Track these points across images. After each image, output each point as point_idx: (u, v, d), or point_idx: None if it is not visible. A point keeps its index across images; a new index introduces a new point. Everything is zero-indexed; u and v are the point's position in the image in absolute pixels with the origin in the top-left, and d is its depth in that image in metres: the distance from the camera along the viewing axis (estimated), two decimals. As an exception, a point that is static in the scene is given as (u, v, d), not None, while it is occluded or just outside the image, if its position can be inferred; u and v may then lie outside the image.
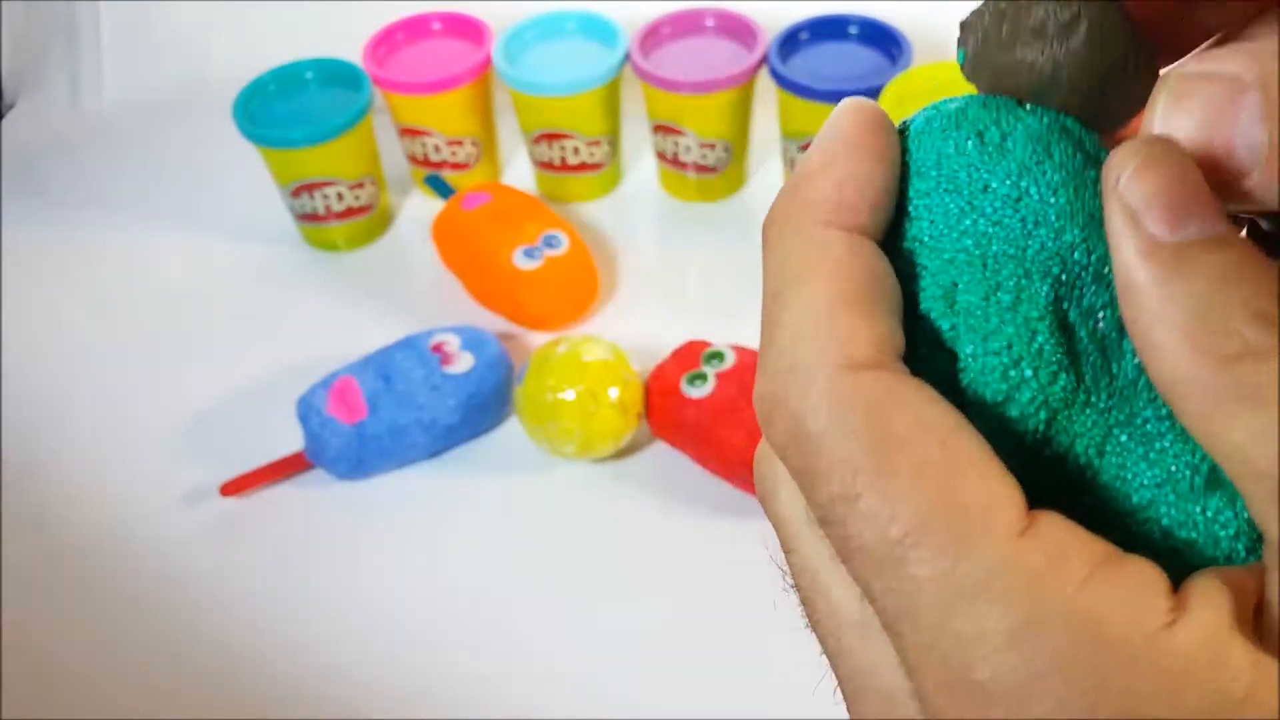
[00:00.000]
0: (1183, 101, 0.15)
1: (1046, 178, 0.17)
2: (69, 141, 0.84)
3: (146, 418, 0.62)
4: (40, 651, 0.52)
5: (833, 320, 0.16)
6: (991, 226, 0.17)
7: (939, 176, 0.18)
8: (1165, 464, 0.17)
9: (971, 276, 0.17)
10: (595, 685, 0.48)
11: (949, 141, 0.18)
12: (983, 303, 0.17)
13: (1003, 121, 0.18)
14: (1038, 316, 0.17)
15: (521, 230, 0.63)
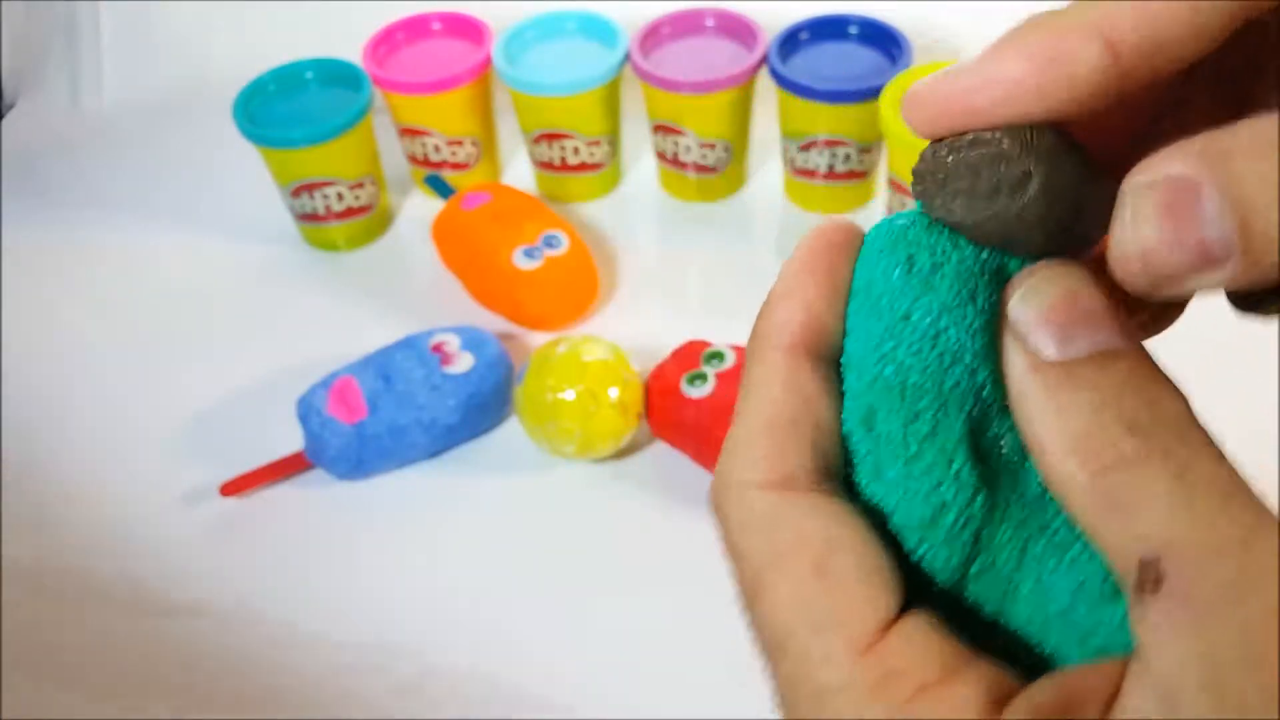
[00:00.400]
0: (1142, 215, 0.16)
1: (967, 320, 0.18)
2: (69, 141, 0.84)
3: (146, 418, 0.62)
4: (40, 651, 0.52)
5: (756, 442, 0.18)
6: (910, 357, 0.18)
7: (868, 299, 0.19)
8: (1076, 572, 0.18)
9: (889, 405, 0.18)
10: (595, 685, 0.48)
11: (880, 265, 0.19)
12: (901, 429, 0.18)
13: (938, 251, 0.19)
14: (954, 445, 0.18)
15: (521, 230, 0.63)
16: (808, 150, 0.68)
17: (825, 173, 0.68)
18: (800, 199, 0.72)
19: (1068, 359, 0.16)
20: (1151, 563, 0.15)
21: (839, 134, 0.66)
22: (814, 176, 0.69)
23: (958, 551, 0.18)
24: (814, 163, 0.68)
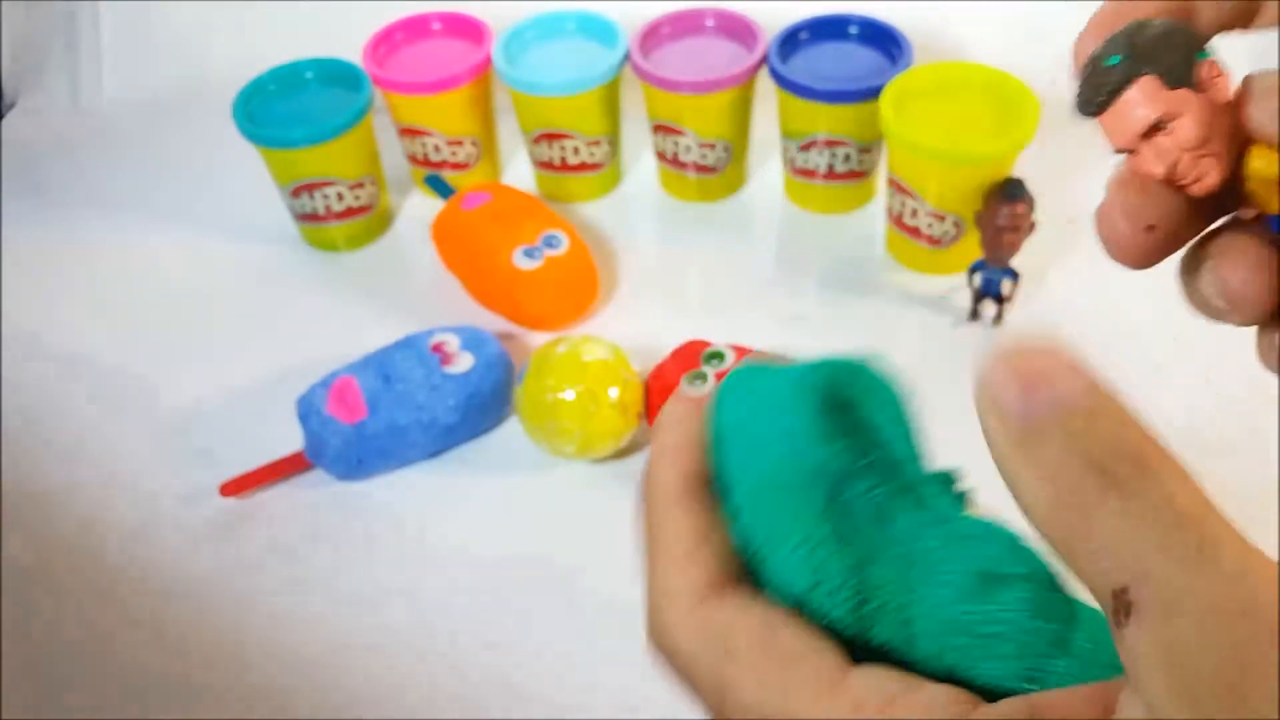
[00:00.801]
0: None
1: (802, 418, 0.22)
2: (69, 141, 0.84)
3: (146, 418, 0.62)
4: (40, 651, 0.52)
5: (675, 573, 0.23)
6: (765, 462, 0.22)
7: (723, 437, 0.24)
8: (951, 577, 0.20)
9: (757, 505, 0.22)
10: (595, 685, 0.48)
11: (726, 408, 0.25)
12: (770, 521, 0.21)
13: (762, 384, 0.24)
14: (814, 518, 0.21)
15: (521, 230, 0.63)
16: (808, 150, 0.68)
17: (825, 173, 0.68)
18: (800, 199, 0.72)
19: (1031, 417, 0.17)
20: (1121, 592, 0.16)
21: (839, 134, 0.66)
22: (814, 176, 0.69)
23: (847, 602, 0.20)
24: (814, 163, 0.68)
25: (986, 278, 0.60)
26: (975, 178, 0.59)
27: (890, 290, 0.65)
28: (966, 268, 0.61)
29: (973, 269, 0.60)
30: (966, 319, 0.62)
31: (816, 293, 0.67)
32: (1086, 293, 0.62)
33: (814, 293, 0.67)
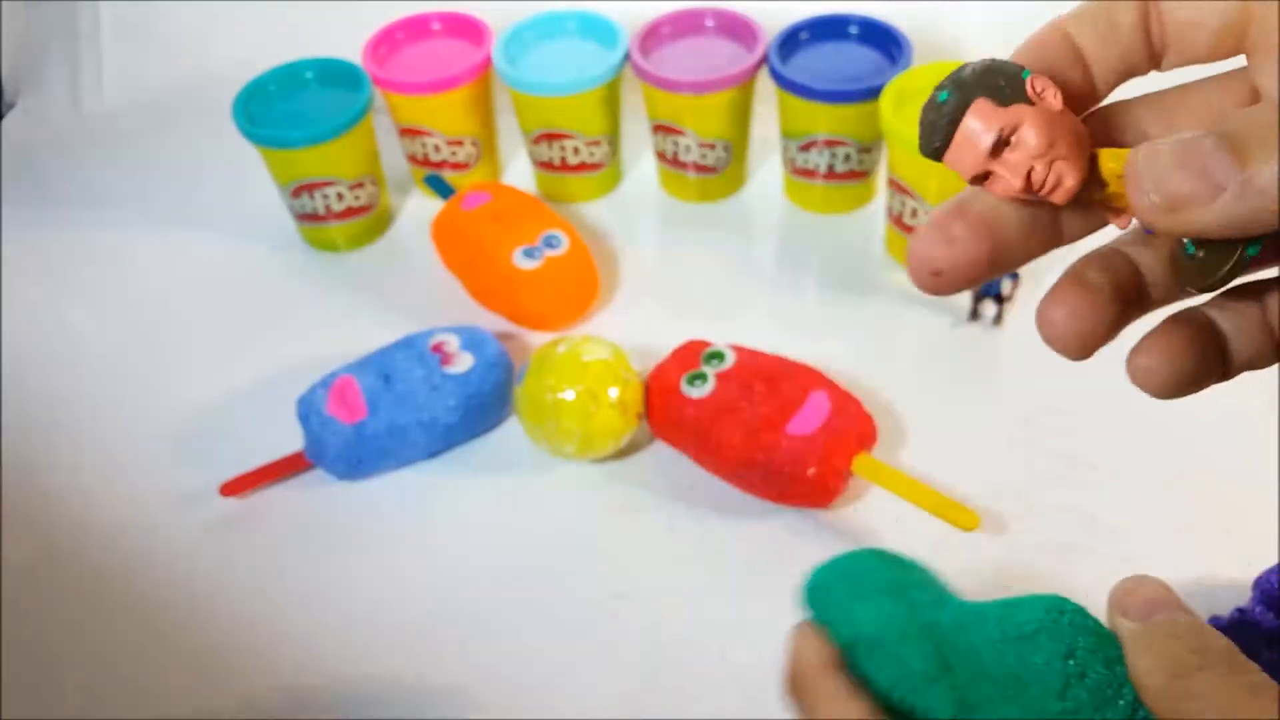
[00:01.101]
0: (1162, 160, 0.21)
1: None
2: (69, 141, 0.84)
3: (146, 418, 0.62)
4: (40, 651, 0.52)
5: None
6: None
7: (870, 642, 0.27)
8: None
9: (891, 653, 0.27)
10: (595, 685, 0.48)
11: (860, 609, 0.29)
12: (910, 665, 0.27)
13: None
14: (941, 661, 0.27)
15: (521, 230, 0.63)
16: (808, 150, 0.68)
17: (825, 173, 0.68)
18: (800, 199, 0.72)
19: (1152, 623, 0.26)
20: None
21: (839, 134, 0.66)
22: (814, 176, 0.69)
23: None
24: (814, 163, 0.68)
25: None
26: (975, 178, 0.59)
27: (890, 290, 0.65)
28: (966, 268, 0.61)
29: (973, 269, 0.60)
30: (966, 319, 0.62)
31: (816, 293, 0.67)
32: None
33: (814, 293, 0.67)
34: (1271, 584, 0.45)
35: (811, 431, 0.51)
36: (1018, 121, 0.21)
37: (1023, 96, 0.21)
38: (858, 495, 0.54)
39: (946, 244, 0.23)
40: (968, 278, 0.24)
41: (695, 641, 0.49)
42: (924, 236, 0.24)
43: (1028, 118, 0.21)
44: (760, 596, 0.51)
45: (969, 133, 0.21)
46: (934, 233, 0.23)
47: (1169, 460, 0.54)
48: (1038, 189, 0.22)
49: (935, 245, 0.23)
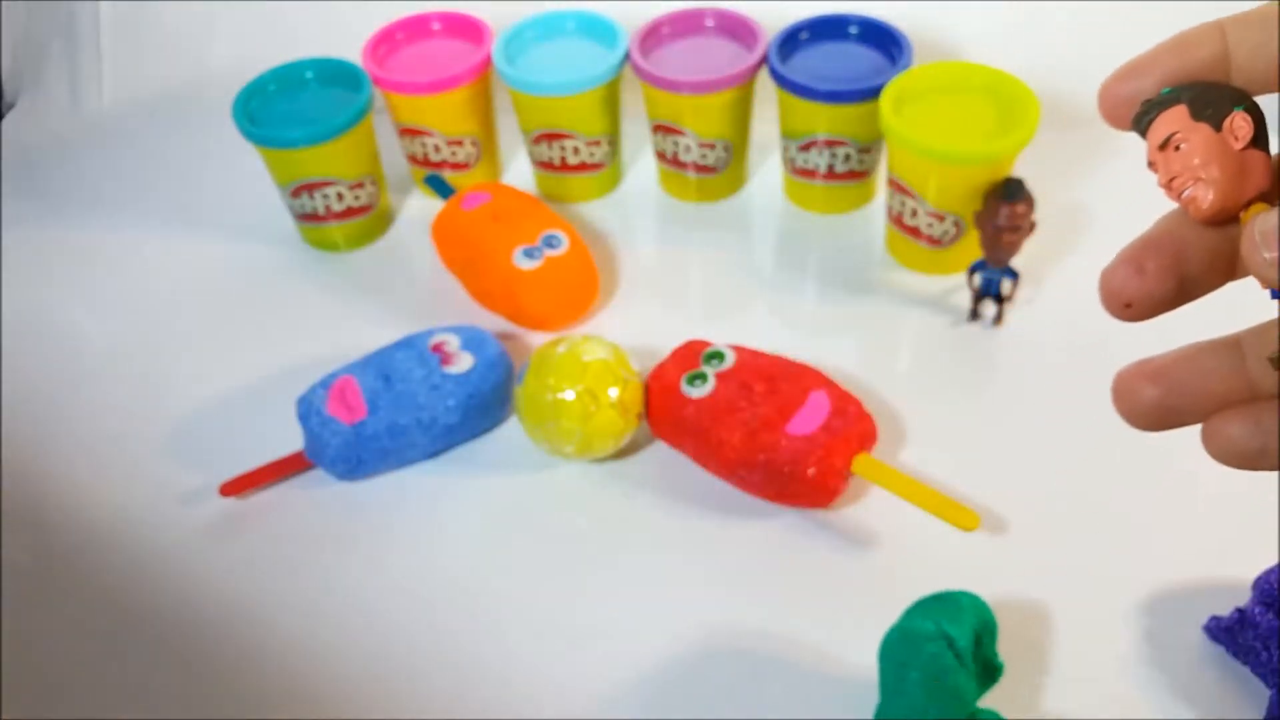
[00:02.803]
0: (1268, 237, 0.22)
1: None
2: (69, 141, 0.84)
3: (146, 417, 0.62)
4: (40, 651, 0.52)
5: None
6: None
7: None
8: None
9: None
10: (595, 685, 0.48)
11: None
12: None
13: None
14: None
15: (521, 230, 0.63)
16: (808, 150, 0.68)
17: (825, 173, 0.68)
18: (800, 199, 0.72)
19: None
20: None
21: (839, 134, 0.66)
22: (814, 176, 0.69)
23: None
24: (814, 163, 0.68)
25: (986, 278, 0.60)
26: (975, 178, 0.59)
27: (890, 290, 0.65)
28: (966, 268, 0.61)
29: (973, 269, 0.60)
30: (966, 319, 0.62)
31: (816, 293, 0.67)
32: (1086, 293, 0.62)
33: (814, 293, 0.67)
34: (1271, 584, 0.45)
35: (811, 431, 0.51)
36: (1190, 135, 0.24)
37: (1216, 121, 0.24)
38: (858, 495, 0.54)
39: (1138, 276, 0.25)
40: (1157, 309, 0.25)
41: (695, 641, 0.49)
42: (1116, 270, 0.25)
43: (1199, 135, 0.24)
44: (760, 596, 0.51)
45: (1157, 124, 0.24)
46: (1125, 266, 0.25)
47: (1169, 459, 0.54)
48: (1175, 191, 0.24)
49: (1128, 279, 0.25)
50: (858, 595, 0.50)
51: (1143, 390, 0.26)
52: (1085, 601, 0.49)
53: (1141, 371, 0.26)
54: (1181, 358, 0.26)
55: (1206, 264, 0.25)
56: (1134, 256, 0.25)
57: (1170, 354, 0.26)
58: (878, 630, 0.45)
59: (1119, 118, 0.25)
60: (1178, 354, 0.26)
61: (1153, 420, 0.26)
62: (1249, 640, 0.45)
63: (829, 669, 0.48)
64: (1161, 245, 0.25)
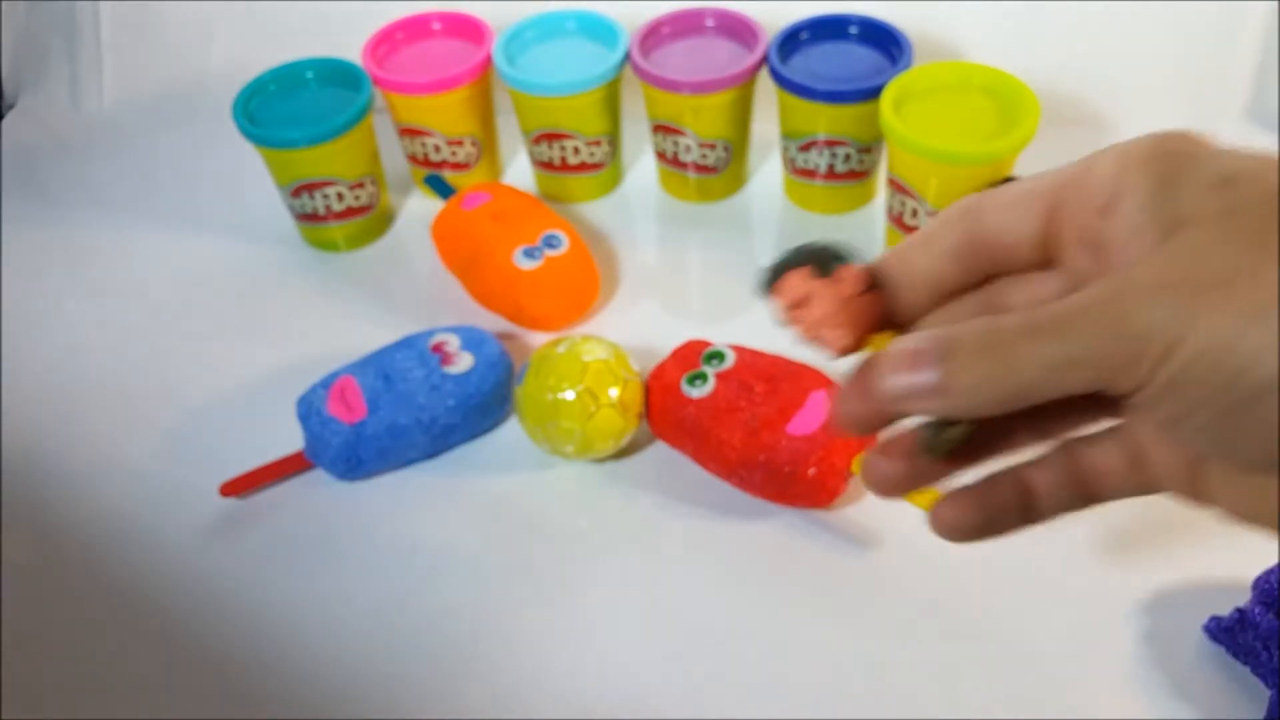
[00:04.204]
0: (893, 355, 0.25)
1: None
2: (69, 141, 0.84)
3: (146, 417, 0.62)
4: (40, 651, 0.52)
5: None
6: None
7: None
8: None
9: None
10: (595, 685, 0.48)
11: None
12: None
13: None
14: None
15: (521, 230, 0.63)
16: (808, 150, 0.68)
17: (825, 173, 0.68)
18: (800, 199, 0.72)
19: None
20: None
21: (839, 134, 0.66)
22: (814, 176, 0.69)
23: None
24: (814, 163, 0.68)
25: (986, 278, 0.60)
26: (975, 178, 0.59)
27: (890, 290, 0.65)
28: (966, 268, 0.61)
29: (973, 269, 0.60)
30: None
31: (816, 293, 0.66)
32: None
33: (814, 293, 0.67)
34: (1271, 584, 0.45)
35: (812, 431, 0.51)
36: (814, 293, 0.28)
37: (830, 273, 0.28)
38: (858, 495, 0.54)
39: (886, 462, 0.29)
40: (910, 488, 0.29)
41: (695, 641, 0.49)
42: (865, 467, 0.29)
43: (822, 292, 0.28)
44: (760, 596, 0.51)
45: (784, 286, 0.29)
46: (869, 470, 0.29)
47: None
48: (814, 340, 0.29)
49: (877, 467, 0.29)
50: (858, 595, 0.50)
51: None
52: (1085, 601, 0.49)
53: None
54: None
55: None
56: (871, 460, 0.29)
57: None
58: (878, 630, 0.45)
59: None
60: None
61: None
62: (1249, 641, 0.45)
63: (829, 669, 0.48)
64: (893, 444, 0.29)
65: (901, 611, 0.49)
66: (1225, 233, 0.22)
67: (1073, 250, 0.26)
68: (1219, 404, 0.22)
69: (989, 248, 0.27)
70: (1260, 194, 0.22)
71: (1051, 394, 0.23)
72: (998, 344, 0.24)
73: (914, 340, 0.25)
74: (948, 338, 0.24)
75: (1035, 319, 0.23)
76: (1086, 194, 0.25)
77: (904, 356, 0.25)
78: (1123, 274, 0.23)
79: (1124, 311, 0.22)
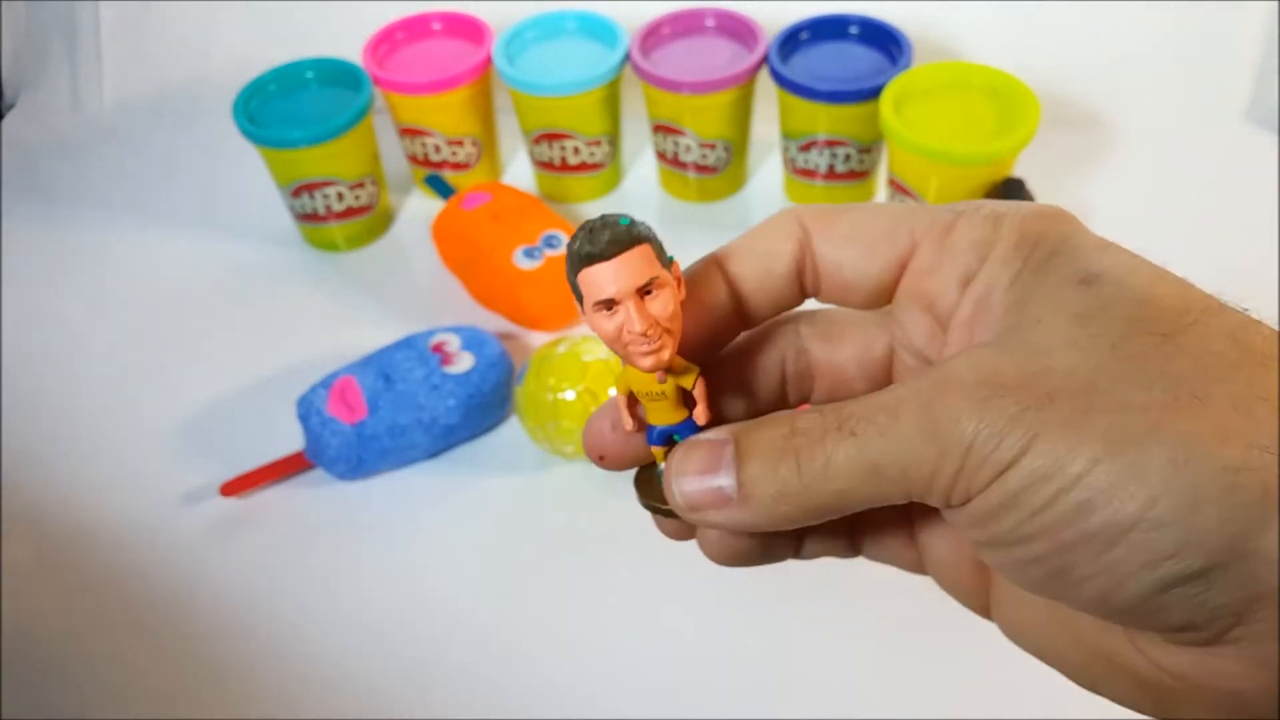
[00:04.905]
0: (690, 456, 0.23)
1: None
2: (69, 141, 0.84)
3: (146, 418, 0.62)
4: (40, 651, 0.52)
5: None
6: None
7: None
8: None
9: None
10: (595, 685, 0.48)
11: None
12: None
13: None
14: None
15: (521, 230, 0.63)
16: (808, 150, 0.68)
17: (825, 173, 0.68)
18: (800, 199, 0.72)
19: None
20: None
21: (839, 134, 0.66)
22: (814, 176, 0.69)
23: None
24: (814, 163, 0.68)
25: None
26: (975, 178, 0.59)
27: (890, 290, 0.65)
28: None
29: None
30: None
31: (816, 293, 0.67)
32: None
33: (814, 293, 0.67)
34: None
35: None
36: (666, 282, 0.22)
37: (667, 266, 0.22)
38: (858, 495, 0.54)
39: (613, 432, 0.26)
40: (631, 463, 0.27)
41: (695, 640, 0.49)
42: (589, 424, 0.26)
43: (669, 286, 0.22)
44: (759, 596, 0.51)
45: (635, 256, 0.21)
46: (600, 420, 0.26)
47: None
48: (626, 349, 0.22)
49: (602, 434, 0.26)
50: (858, 594, 0.50)
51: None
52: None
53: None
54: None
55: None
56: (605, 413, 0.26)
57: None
58: (878, 630, 0.45)
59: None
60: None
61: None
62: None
63: (829, 669, 0.48)
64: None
65: (903, 611, 0.49)
66: (1078, 338, 0.19)
67: (907, 303, 0.23)
68: (1059, 539, 0.18)
69: (827, 279, 0.24)
70: (1125, 296, 0.19)
71: (862, 505, 0.20)
72: (800, 447, 0.20)
73: (709, 436, 0.22)
74: (743, 438, 0.22)
75: (842, 416, 0.20)
76: (944, 255, 0.22)
77: (696, 455, 0.22)
78: (948, 366, 0.20)
79: (949, 414, 0.19)
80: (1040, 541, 0.19)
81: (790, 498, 0.21)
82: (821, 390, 0.26)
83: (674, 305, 0.22)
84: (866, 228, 0.23)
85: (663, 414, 0.24)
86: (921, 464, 0.19)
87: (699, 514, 0.22)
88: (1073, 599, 0.19)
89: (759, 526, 0.22)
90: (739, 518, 0.22)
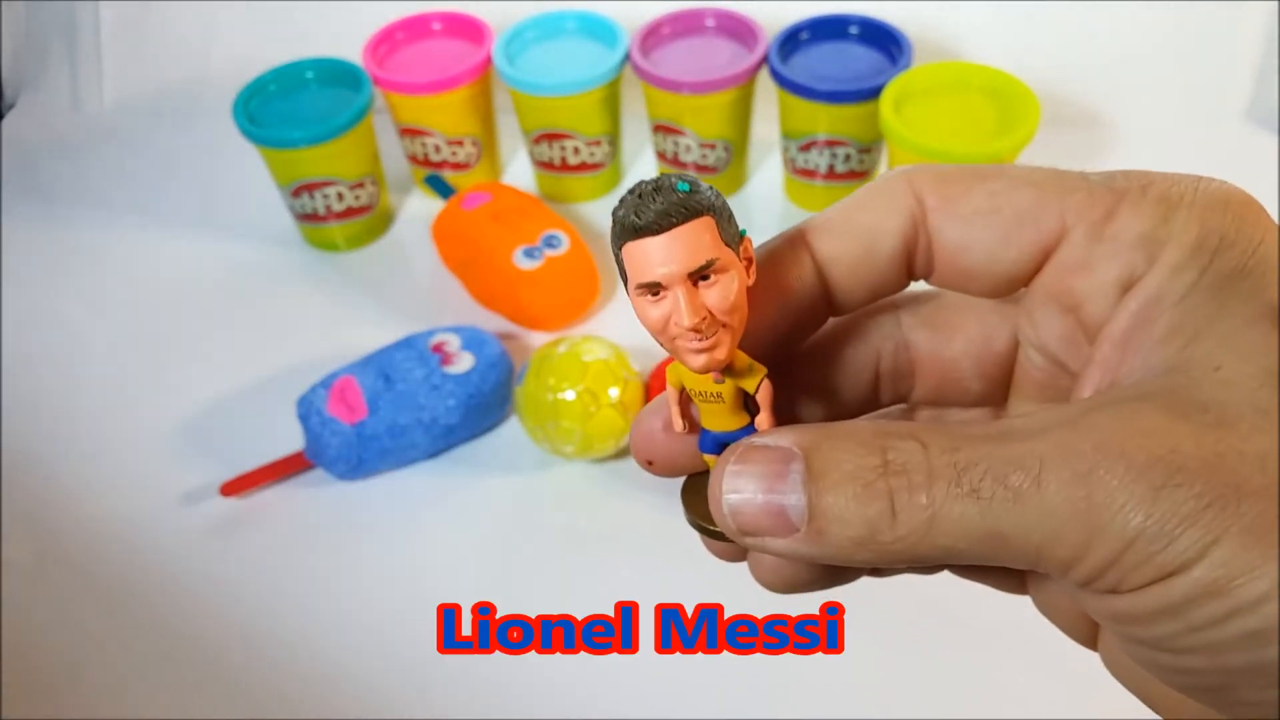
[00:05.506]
0: (745, 465, 0.18)
1: None
2: (69, 141, 0.84)
3: (146, 418, 0.62)
4: (40, 651, 0.52)
5: None
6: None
7: None
8: None
9: None
10: (594, 685, 0.48)
11: None
12: None
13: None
14: None
15: (521, 230, 0.63)
16: (808, 150, 0.68)
17: (825, 173, 0.68)
18: (800, 199, 0.72)
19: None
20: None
21: (839, 134, 0.66)
22: (814, 176, 0.69)
23: None
24: (814, 163, 0.68)
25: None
26: (975, 178, 0.59)
27: (890, 290, 0.65)
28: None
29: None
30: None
31: (816, 293, 0.67)
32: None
33: (814, 293, 0.67)
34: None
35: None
36: (729, 265, 0.18)
37: (736, 248, 0.18)
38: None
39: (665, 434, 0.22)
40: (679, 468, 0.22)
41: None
42: (637, 424, 0.22)
43: (731, 269, 0.18)
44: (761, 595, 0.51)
45: (690, 232, 0.17)
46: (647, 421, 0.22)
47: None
48: (677, 341, 0.19)
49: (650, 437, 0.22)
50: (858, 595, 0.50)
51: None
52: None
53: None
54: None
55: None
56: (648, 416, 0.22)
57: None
58: (878, 630, 0.45)
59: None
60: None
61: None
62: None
63: (830, 669, 0.48)
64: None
65: (904, 610, 0.49)
66: (1271, 407, 0.15)
67: (1045, 300, 0.19)
68: (1221, 662, 0.15)
69: (946, 263, 0.19)
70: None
71: (966, 563, 0.17)
72: (897, 490, 0.16)
73: (769, 440, 0.18)
74: (815, 454, 0.17)
75: (959, 464, 0.16)
76: (1100, 250, 0.18)
77: (754, 464, 0.18)
78: (1106, 421, 0.16)
79: (1111, 499, 0.15)
80: (1198, 657, 0.16)
81: (876, 547, 0.17)
82: (924, 388, 0.22)
83: (736, 294, 0.18)
84: (1005, 204, 0.18)
85: (718, 418, 0.20)
86: (1061, 545, 0.16)
87: (754, 540, 0.18)
88: (1223, 712, 0.16)
89: (828, 562, 0.18)
90: (805, 551, 0.17)
